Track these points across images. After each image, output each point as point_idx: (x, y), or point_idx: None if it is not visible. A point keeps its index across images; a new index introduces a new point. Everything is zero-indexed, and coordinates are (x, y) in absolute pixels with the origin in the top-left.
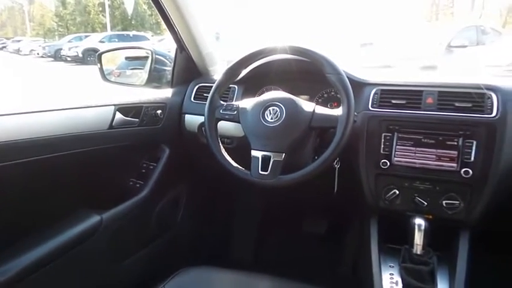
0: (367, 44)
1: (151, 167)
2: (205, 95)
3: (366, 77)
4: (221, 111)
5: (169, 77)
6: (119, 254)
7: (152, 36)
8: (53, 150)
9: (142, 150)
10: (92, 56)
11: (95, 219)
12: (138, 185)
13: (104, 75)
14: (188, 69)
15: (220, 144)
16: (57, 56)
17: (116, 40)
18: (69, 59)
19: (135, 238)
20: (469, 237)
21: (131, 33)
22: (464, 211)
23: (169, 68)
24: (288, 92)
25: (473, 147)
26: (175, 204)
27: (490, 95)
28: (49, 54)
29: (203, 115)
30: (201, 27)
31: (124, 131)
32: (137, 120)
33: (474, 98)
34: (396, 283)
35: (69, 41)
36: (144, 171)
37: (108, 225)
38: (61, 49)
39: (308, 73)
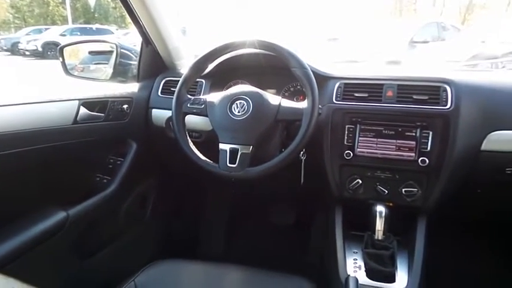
0: (334, 39)
1: (119, 162)
2: (172, 89)
3: (330, 71)
4: (188, 105)
5: (135, 71)
6: (86, 250)
7: (117, 29)
8: (15, 146)
9: (109, 145)
10: (52, 50)
11: (60, 215)
12: (105, 181)
13: (66, 70)
14: (154, 64)
15: (188, 138)
16: (14, 49)
17: (78, 34)
18: (27, 53)
19: (103, 234)
20: (426, 223)
21: (94, 26)
22: (422, 198)
23: (135, 62)
24: (256, 86)
25: (430, 138)
26: (144, 199)
27: (445, 88)
28: (5, 48)
29: (170, 109)
30: (167, 21)
31: (89, 126)
32: (103, 115)
33: (430, 91)
34: (359, 267)
35: (27, 34)
36: (111, 166)
37: (74, 221)
38: (19, 42)
39: (275, 67)
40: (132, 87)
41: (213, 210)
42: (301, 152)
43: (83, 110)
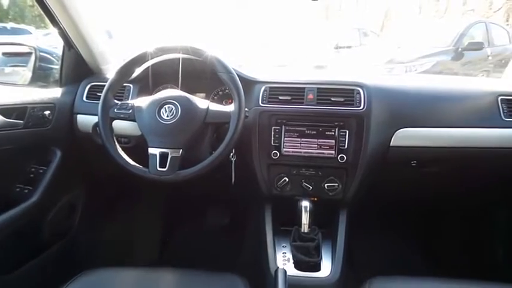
0: (264, 44)
1: (41, 171)
2: (98, 94)
3: (256, 75)
4: (115, 110)
5: (57, 75)
6: (7, 265)
7: (37, 29)
8: None
9: (29, 153)
10: None
11: None
12: (26, 191)
13: None
14: (78, 68)
15: (117, 143)
16: None
17: None
18: None
19: (26, 246)
20: (347, 215)
21: (8, 25)
22: (342, 192)
23: (56, 66)
24: (185, 91)
25: (346, 136)
26: (72, 208)
27: (359, 90)
28: None
29: (97, 115)
30: (90, 23)
31: (6, 133)
32: (22, 122)
33: (346, 94)
34: (288, 260)
35: None
36: (32, 175)
37: None
38: None
39: (204, 72)
40: (54, 93)
41: (146, 215)
42: (231, 154)
43: None
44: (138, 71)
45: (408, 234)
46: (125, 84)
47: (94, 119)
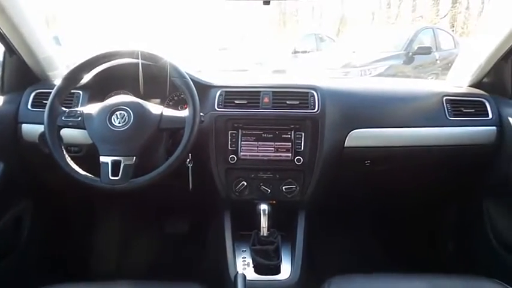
0: (224, 48)
1: None
2: (44, 102)
3: (211, 79)
4: (63, 118)
5: None
6: None
7: None
8: None
9: None
10: None
11: None
12: None
13: None
14: (22, 75)
15: (65, 153)
16: None
17: None
18: None
19: None
20: (305, 216)
21: None
22: (299, 193)
23: None
24: (140, 96)
25: (302, 139)
26: (18, 223)
27: (313, 93)
28: None
29: (43, 124)
30: (34, 28)
31: None
32: None
33: (301, 97)
34: (248, 264)
35: None
36: None
37: None
38: None
39: (158, 77)
40: None
41: (102, 226)
42: (188, 159)
43: None
44: (88, 77)
45: (367, 232)
46: (74, 91)
47: (40, 128)
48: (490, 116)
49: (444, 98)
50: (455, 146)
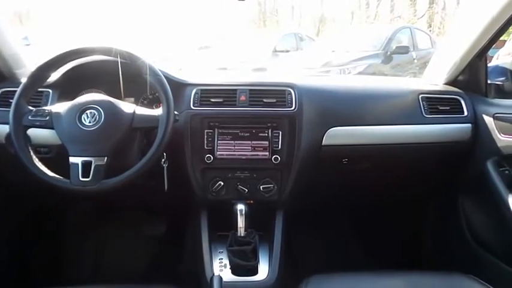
0: (205, 47)
1: None
2: (11, 101)
3: (187, 77)
4: (30, 118)
5: None
6: None
7: None
8: None
9: None
10: None
11: None
12: None
13: None
14: None
15: (33, 154)
16: None
17: None
18: None
19: None
20: (283, 215)
21: None
22: (277, 192)
23: None
24: (112, 95)
25: (280, 137)
26: None
27: (290, 91)
28: None
29: (8, 123)
30: (0, 25)
31: None
32: None
33: (278, 95)
34: (225, 266)
35: None
36: None
37: None
38: None
39: (131, 75)
40: None
41: (75, 230)
42: (163, 159)
43: None
44: (57, 75)
45: (347, 230)
46: (43, 90)
47: (6, 128)
48: (465, 113)
49: (420, 96)
50: (431, 143)
